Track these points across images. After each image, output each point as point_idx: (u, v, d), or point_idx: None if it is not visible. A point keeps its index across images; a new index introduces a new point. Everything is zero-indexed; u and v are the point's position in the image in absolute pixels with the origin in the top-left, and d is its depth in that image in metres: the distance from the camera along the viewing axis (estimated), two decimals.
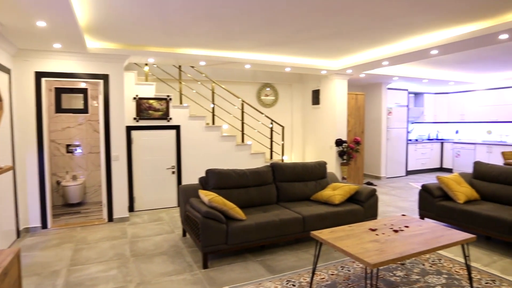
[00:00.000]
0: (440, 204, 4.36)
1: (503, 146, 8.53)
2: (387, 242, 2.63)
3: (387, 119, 8.69)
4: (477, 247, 3.92)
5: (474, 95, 9.43)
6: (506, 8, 3.66)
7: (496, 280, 3.12)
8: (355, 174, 7.69)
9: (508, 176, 4.27)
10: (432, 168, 9.83)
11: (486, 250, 3.85)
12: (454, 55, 5.99)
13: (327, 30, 4.39)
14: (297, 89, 8.20)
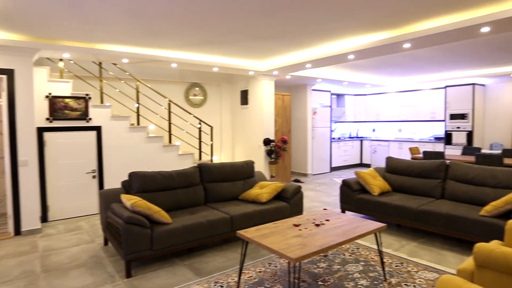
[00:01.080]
0: (358, 197, 4.71)
1: (411, 142, 9.54)
2: (309, 236, 2.75)
3: (312, 118, 9.15)
4: (389, 234, 4.31)
5: (387, 97, 10.39)
6: (408, 20, 4.08)
7: (404, 262, 3.46)
8: (283, 172, 7.95)
9: (414, 169, 4.78)
10: (353, 164, 10.59)
11: (396, 236, 4.25)
12: (369, 60, 6.52)
13: (253, 32, 4.46)
14: (226, 89, 8.22)
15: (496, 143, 8.36)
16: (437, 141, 9.05)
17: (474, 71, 7.77)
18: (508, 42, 5.17)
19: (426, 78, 8.88)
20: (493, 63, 6.90)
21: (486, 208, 3.59)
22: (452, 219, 3.75)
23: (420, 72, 8.01)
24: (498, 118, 8.57)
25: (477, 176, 4.18)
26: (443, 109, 8.98)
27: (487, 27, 3.96)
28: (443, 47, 5.53)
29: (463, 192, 4.21)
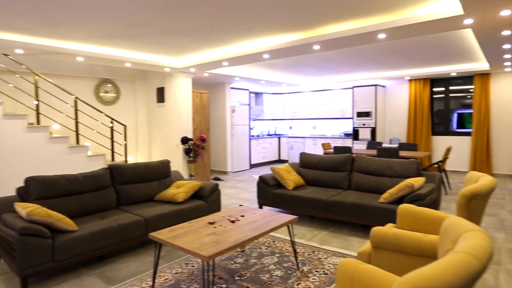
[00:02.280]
0: (274, 192, 4.88)
1: (324, 139, 10.21)
2: (224, 233, 2.75)
3: (231, 116, 9.21)
4: (303, 226, 4.55)
5: (303, 96, 10.97)
6: (317, 23, 4.33)
7: (315, 251, 3.68)
8: (202, 171, 7.87)
9: (324, 163, 5.11)
10: (272, 161, 10.96)
11: (309, 227, 4.50)
12: (284, 59, 6.79)
13: (166, 27, 4.30)
14: (141, 86, 7.82)
15: (395, 138, 9.40)
16: (346, 137, 9.84)
17: (377, 73, 8.62)
18: (402, 48, 5.82)
19: (337, 79, 9.58)
20: (391, 66, 7.73)
21: (384, 196, 4.01)
22: (357, 207, 4.10)
23: (331, 73, 8.61)
24: (396, 116, 9.64)
25: (377, 168, 4.64)
26: (351, 107, 9.79)
27: (383, 34, 4.41)
28: (349, 50, 6.01)
29: (366, 183, 4.64)
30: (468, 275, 0.94)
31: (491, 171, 8.18)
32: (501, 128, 8.09)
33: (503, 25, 4.07)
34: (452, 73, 8.12)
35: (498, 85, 8.10)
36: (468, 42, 5.49)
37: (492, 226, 4.46)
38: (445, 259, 1.01)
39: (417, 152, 6.88)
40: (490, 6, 3.40)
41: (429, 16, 3.85)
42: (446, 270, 0.93)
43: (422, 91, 8.97)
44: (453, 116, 8.98)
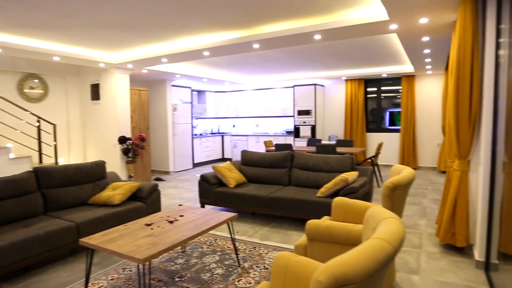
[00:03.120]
0: (216, 190, 4.85)
1: (267, 136, 10.40)
2: (161, 234, 2.68)
3: (173, 115, 8.99)
4: (245, 223, 4.59)
5: (245, 94, 11.05)
6: (257, 22, 4.38)
7: (256, 246, 3.74)
8: (142, 171, 7.58)
9: (265, 160, 5.21)
10: (215, 159, 10.90)
11: (251, 224, 4.56)
12: (226, 57, 6.77)
13: (99, 19, 4.06)
14: (74, 83, 7.31)
15: (333, 135, 9.87)
16: (288, 134, 10.12)
17: (316, 73, 8.96)
18: (339, 50, 6.12)
19: (278, 78, 9.80)
20: (329, 67, 8.09)
21: (321, 190, 4.19)
22: (296, 202, 4.24)
23: (273, 72, 8.78)
24: (334, 114, 10.12)
25: (315, 164, 4.83)
26: (292, 106, 10.07)
27: (319, 35, 4.59)
28: (289, 50, 6.16)
29: (304, 178, 4.81)
30: (380, 258, 1.01)
31: (417, 164, 8.95)
32: (424, 125, 8.88)
33: (423, 32, 4.46)
34: (383, 74, 8.73)
35: (422, 86, 8.88)
36: (395, 46, 5.93)
37: (416, 213, 4.89)
38: (362, 245, 1.08)
39: (353, 148, 7.30)
40: (411, 14, 3.70)
41: (359, 20, 4.09)
42: (360, 256, 1.00)
43: (357, 91, 9.52)
44: (385, 114, 9.66)
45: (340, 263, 0.97)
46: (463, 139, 3.30)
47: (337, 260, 0.99)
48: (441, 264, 3.28)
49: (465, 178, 3.41)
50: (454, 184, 3.45)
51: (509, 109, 3.08)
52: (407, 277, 3.04)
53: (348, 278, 0.94)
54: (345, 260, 0.98)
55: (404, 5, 3.45)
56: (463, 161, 3.39)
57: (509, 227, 3.25)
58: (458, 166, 3.42)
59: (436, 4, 3.42)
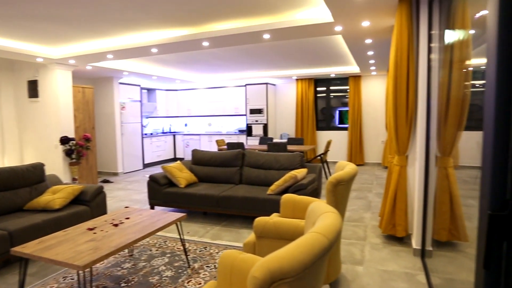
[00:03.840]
0: (166, 191, 4.73)
1: (220, 135, 10.35)
2: (104, 239, 2.55)
3: (121, 114, 8.63)
4: (196, 223, 4.53)
5: (197, 93, 10.90)
6: (206, 20, 4.33)
7: (207, 246, 3.70)
8: (88, 173, 7.19)
9: (216, 159, 5.17)
10: (167, 159, 10.63)
11: (202, 223, 4.51)
12: (176, 55, 6.62)
13: (33, 10, 3.77)
14: (7, 78, 6.73)
15: (285, 133, 10.06)
16: (240, 133, 10.15)
17: (267, 72, 9.06)
18: (289, 50, 6.23)
19: (230, 76, 9.78)
20: (280, 66, 8.23)
21: (271, 188, 4.25)
22: (247, 200, 4.26)
23: (225, 70, 8.75)
24: (286, 113, 10.32)
25: (266, 162, 4.89)
26: (244, 104, 10.11)
27: (268, 34, 4.65)
28: (240, 49, 6.16)
29: (255, 176, 4.85)
30: (316, 251, 1.05)
31: (364, 161, 9.42)
32: (370, 123, 9.36)
33: (365, 34, 4.69)
34: (332, 74, 9.06)
35: (367, 86, 9.35)
36: (342, 48, 6.17)
37: (362, 207, 5.14)
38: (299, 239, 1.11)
39: (303, 146, 7.50)
40: (354, 17, 3.88)
41: (306, 20, 4.20)
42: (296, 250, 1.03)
43: (307, 90, 9.78)
44: (335, 113, 10.04)
45: (275, 258, 0.99)
46: (401, 136, 3.52)
47: (273, 255, 1.01)
48: (383, 254, 3.48)
49: (403, 173, 3.64)
50: (394, 179, 3.68)
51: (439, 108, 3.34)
52: (352, 268, 3.18)
53: (284, 272, 0.95)
54: (281, 254, 1.00)
55: (347, 9, 3.60)
56: (402, 157, 3.62)
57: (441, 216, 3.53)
58: (397, 162, 3.65)
59: (375, 9, 3.62)
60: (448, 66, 3.25)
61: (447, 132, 3.38)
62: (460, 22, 2.87)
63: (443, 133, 3.42)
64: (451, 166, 3.41)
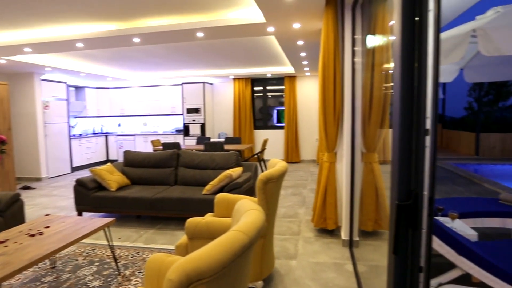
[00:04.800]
0: (95, 195, 4.44)
1: (156, 136, 10.00)
2: (17, 252, 2.31)
3: (44, 113, 7.91)
4: (129, 227, 4.32)
5: (131, 91, 10.41)
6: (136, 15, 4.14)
7: (140, 251, 3.55)
8: (3, 180, 6.46)
9: (150, 160, 4.99)
10: (99, 162, 9.99)
11: (136, 227, 4.31)
12: (106, 51, 6.24)
13: None
14: None
15: (222, 133, 10.05)
16: (177, 133, 9.91)
17: (204, 71, 8.96)
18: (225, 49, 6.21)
19: (166, 75, 9.49)
20: (217, 65, 8.18)
21: (207, 188, 4.21)
22: (182, 201, 4.17)
23: (160, 68, 8.46)
24: (223, 112, 10.30)
25: (201, 161, 4.83)
26: (181, 103, 9.88)
27: (201, 33, 4.59)
28: (175, 47, 5.99)
29: (191, 176, 4.76)
30: (235, 249, 1.05)
31: (300, 158, 9.76)
32: (305, 122, 9.73)
33: (297, 36, 4.86)
34: (268, 74, 9.25)
35: (302, 86, 9.70)
36: (277, 48, 6.32)
37: (297, 203, 5.32)
38: (218, 238, 1.11)
39: (240, 145, 7.55)
40: (284, 18, 3.99)
41: (239, 20, 4.23)
42: (214, 249, 1.02)
43: (244, 90, 9.87)
44: (273, 112, 10.26)
45: (192, 259, 0.97)
46: (330, 134, 3.71)
47: (190, 257, 0.99)
48: (315, 247, 3.63)
49: (333, 169, 3.84)
50: (324, 175, 3.86)
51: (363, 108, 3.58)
52: (286, 262, 3.27)
53: (200, 272, 0.94)
54: (198, 255, 0.99)
55: (278, 10, 3.69)
56: (331, 153, 3.81)
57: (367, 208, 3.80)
58: (327, 158, 3.84)
59: (304, 11, 3.76)
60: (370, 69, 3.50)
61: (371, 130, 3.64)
62: (380, 28, 3.11)
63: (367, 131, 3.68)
64: (376, 161, 3.68)
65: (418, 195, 1.33)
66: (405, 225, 1.38)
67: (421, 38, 1.26)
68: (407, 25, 1.30)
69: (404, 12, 1.30)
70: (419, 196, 1.32)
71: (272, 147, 9.92)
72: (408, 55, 1.32)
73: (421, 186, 1.32)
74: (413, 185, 1.36)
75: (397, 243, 1.40)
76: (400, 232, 1.39)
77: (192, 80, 9.66)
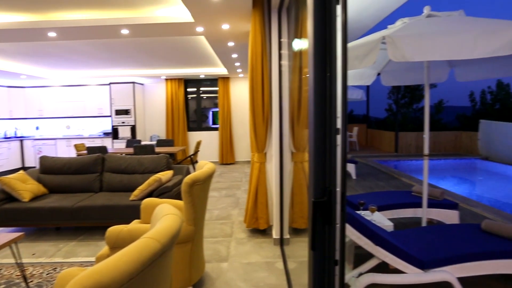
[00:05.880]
0: (3, 208, 3.95)
1: (81, 139, 9.28)
2: None
3: None
4: (46, 241, 3.92)
5: (51, 90, 9.54)
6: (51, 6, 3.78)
7: (57, 267, 3.24)
8: None
9: (71, 166, 4.59)
10: (12, 169, 8.95)
11: (55, 241, 3.94)
12: (18, 45, 5.62)
13: None
14: None
15: (155, 135, 9.68)
16: (106, 136, 9.31)
17: (134, 70, 8.54)
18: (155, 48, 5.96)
19: (92, 74, 8.85)
20: (148, 65, 7.85)
21: (134, 193, 4.00)
22: (108, 209, 3.90)
23: (85, 67, 7.86)
24: (155, 113, 9.93)
25: (129, 165, 4.58)
26: (109, 105, 9.31)
27: (126, 30, 4.36)
28: (100, 44, 5.60)
29: (118, 182, 4.49)
30: (144, 258, 0.99)
31: (235, 159, 9.79)
32: (239, 123, 9.79)
33: (227, 37, 4.85)
34: (201, 75, 9.13)
35: (235, 88, 9.75)
36: (209, 49, 6.25)
37: (230, 205, 5.31)
38: (127, 247, 1.04)
39: (173, 148, 7.33)
40: (212, 19, 3.96)
41: (166, 18, 4.10)
42: (120, 260, 0.95)
43: (177, 90, 9.62)
44: (209, 114, 10.14)
45: (93, 273, 0.89)
46: (259, 135, 3.76)
47: (91, 270, 0.91)
48: (247, 247, 3.65)
49: (263, 169, 3.90)
50: (255, 175, 3.90)
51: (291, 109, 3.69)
52: (217, 265, 3.23)
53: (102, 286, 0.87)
54: (100, 268, 0.91)
55: (205, 10, 3.64)
56: (261, 154, 3.86)
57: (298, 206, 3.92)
58: (257, 159, 3.88)
59: (232, 12, 3.76)
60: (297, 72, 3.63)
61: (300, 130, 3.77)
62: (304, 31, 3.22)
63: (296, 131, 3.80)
64: (306, 160, 3.82)
65: (332, 191, 1.39)
66: (322, 221, 1.43)
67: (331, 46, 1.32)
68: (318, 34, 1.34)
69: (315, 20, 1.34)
70: (332, 193, 1.38)
71: (207, 149, 9.81)
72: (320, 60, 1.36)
73: (334, 183, 1.38)
74: (328, 182, 1.42)
75: (314, 239, 1.45)
76: (317, 229, 1.44)
77: (121, 80, 9.15)
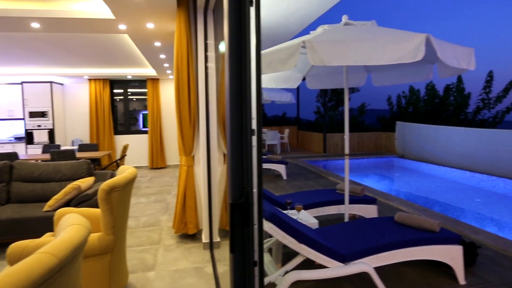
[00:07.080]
0: None
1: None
2: None
3: None
4: None
5: None
6: None
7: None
8: None
9: None
10: None
11: None
12: None
13: None
14: None
15: (77, 139, 8.95)
16: (18, 141, 8.38)
17: (51, 69, 7.82)
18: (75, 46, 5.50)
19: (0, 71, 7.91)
20: (68, 64, 7.24)
21: (49, 203, 3.64)
22: (16, 222, 3.50)
23: None
24: (77, 116, 9.19)
25: (43, 173, 4.16)
26: (21, 106, 8.39)
27: (37, 23, 3.97)
28: (7, 38, 5.02)
29: (29, 191, 4.05)
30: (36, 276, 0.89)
31: (166, 163, 9.48)
32: (170, 126, 9.51)
33: (153, 37, 4.68)
34: (128, 76, 8.69)
35: (165, 89, 9.45)
36: (135, 49, 5.96)
37: (159, 210, 5.12)
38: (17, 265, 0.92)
39: (97, 152, 6.85)
40: (135, 16, 3.78)
41: (84, 13, 3.81)
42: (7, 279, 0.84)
43: (102, 92, 9.03)
44: (139, 116, 9.67)
45: None
46: (186, 137, 3.67)
47: None
48: (176, 254, 3.54)
49: (191, 172, 3.82)
50: (183, 179, 3.81)
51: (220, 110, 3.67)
52: (143, 275, 3.08)
53: None
54: None
55: (126, 7, 3.46)
56: (189, 157, 3.78)
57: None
58: (185, 162, 3.79)
59: (156, 11, 3.63)
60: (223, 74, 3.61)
61: None
62: None
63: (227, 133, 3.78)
64: None
65: (249, 192, 1.39)
66: (240, 223, 1.43)
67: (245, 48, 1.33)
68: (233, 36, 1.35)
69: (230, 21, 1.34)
70: (249, 194, 1.39)
71: (136, 153, 9.36)
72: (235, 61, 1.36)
73: (251, 183, 1.39)
74: (245, 183, 1.42)
75: (233, 242, 1.44)
76: (236, 231, 1.43)
77: (36, 79, 8.31)
